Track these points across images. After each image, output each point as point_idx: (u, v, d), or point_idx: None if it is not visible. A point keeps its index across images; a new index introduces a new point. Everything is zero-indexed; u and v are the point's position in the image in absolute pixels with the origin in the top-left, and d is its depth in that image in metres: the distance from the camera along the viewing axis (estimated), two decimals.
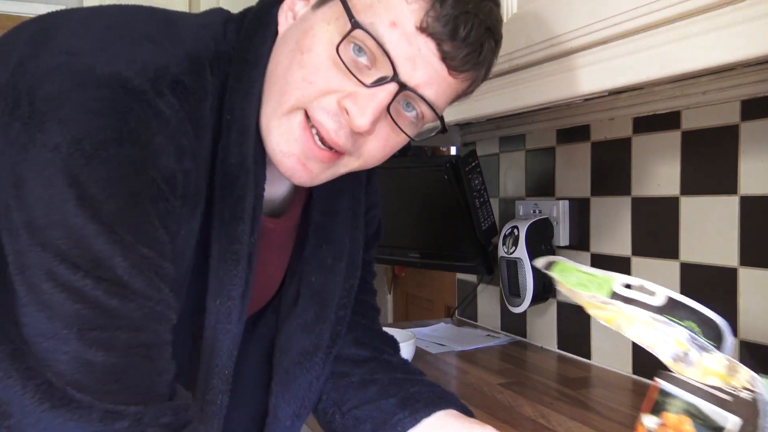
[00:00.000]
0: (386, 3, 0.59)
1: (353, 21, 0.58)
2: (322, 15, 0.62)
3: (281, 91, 0.63)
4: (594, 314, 0.57)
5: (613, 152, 1.20)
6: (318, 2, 0.63)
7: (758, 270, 0.95)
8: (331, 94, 0.61)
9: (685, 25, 0.67)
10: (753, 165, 0.96)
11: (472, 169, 1.31)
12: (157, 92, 0.55)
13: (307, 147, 0.63)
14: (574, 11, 0.80)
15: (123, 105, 0.54)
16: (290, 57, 0.62)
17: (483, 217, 1.36)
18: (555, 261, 0.59)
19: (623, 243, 1.19)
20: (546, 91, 0.88)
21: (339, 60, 0.60)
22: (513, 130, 1.47)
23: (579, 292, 0.56)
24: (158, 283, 0.56)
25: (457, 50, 0.60)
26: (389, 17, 0.59)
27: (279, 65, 0.63)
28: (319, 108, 0.61)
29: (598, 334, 1.26)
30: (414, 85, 0.61)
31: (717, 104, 1.00)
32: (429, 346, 1.40)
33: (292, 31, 0.64)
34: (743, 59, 0.62)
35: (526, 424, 0.93)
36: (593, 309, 0.56)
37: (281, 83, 0.63)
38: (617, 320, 0.55)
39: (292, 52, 0.62)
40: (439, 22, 0.59)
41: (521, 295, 1.31)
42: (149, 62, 0.56)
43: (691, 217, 1.05)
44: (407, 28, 0.59)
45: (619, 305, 0.53)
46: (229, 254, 0.64)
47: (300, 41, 0.62)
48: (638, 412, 0.90)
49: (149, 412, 0.53)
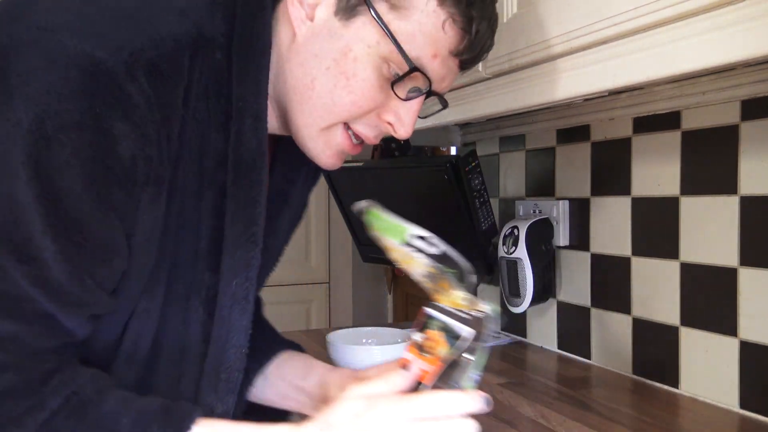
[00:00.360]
0: (427, 34, 0.63)
1: (412, 65, 0.63)
2: (357, 34, 0.63)
3: (326, 109, 0.65)
4: (392, 257, 0.69)
5: (613, 152, 1.20)
6: (345, 10, 0.63)
7: (758, 270, 0.95)
8: (373, 110, 0.67)
9: (685, 25, 0.67)
10: (753, 165, 0.96)
11: (472, 169, 1.31)
12: (130, 76, 0.55)
13: (346, 147, 0.69)
14: (574, 11, 0.80)
15: (91, 88, 0.53)
16: (332, 78, 0.64)
17: (483, 217, 1.35)
18: (370, 206, 0.70)
19: (623, 243, 1.19)
20: (546, 91, 0.88)
21: (385, 85, 0.64)
22: (513, 130, 1.47)
23: (382, 237, 0.68)
24: (82, 277, 0.56)
25: (476, 60, 0.68)
26: (432, 50, 0.64)
27: (315, 81, 0.65)
28: (361, 123, 0.67)
29: (598, 334, 1.26)
30: (440, 90, 0.69)
31: (717, 104, 1.00)
32: None
33: (322, 45, 0.64)
34: (743, 59, 0.62)
35: (526, 424, 0.93)
36: (391, 251, 0.68)
37: (325, 102, 0.65)
38: (405, 262, 0.68)
39: (332, 73, 0.64)
40: (473, 49, 0.66)
41: (521, 295, 1.31)
42: (125, 43, 0.55)
43: (691, 217, 1.05)
44: (444, 54, 0.65)
45: (408, 250, 0.66)
46: (247, 236, 0.66)
47: (341, 63, 0.63)
48: (638, 413, 0.95)
49: None
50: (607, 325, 1.24)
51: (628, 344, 1.18)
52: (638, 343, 1.17)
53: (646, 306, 1.15)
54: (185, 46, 0.60)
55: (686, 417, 0.98)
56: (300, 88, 0.66)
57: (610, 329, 1.23)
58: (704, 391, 1.04)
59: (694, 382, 1.06)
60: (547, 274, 1.32)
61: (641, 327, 1.16)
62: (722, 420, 0.96)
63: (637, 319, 1.17)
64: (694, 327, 1.05)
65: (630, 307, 1.18)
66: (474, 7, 0.64)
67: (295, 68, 0.65)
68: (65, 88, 0.53)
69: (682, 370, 1.08)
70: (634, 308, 1.17)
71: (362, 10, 0.62)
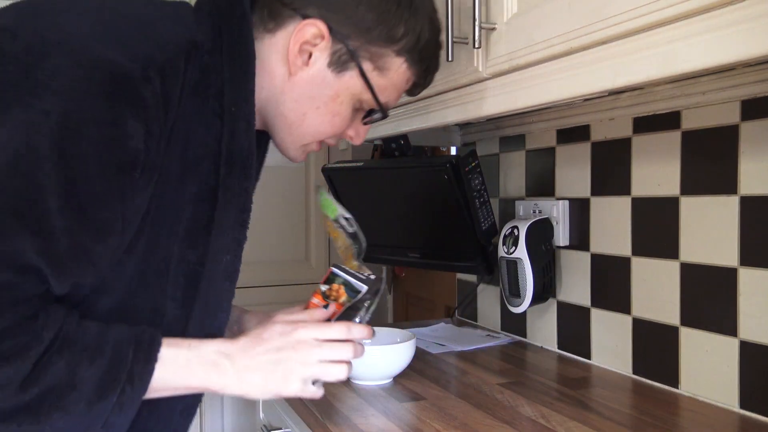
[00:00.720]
0: (396, 86, 0.83)
1: (383, 109, 0.83)
2: (346, 84, 0.79)
3: (311, 136, 0.83)
4: (326, 227, 0.92)
5: (613, 152, 1.20)
6: (336, 63, 0.78)
7: (758, 270, 0.95)
8: None
9: (685, 25, 0.67)
10: (753, 165, 0.96)
11: (472, 169, 1.31)
12: (145, 78, 0.64)
13: (315, 150, 0.88)
14: (574, 11, 0.80)
15: (111, 89, 0.62)
16: (320, 116, 0.81)
17: (483, 217, 1.35)
18: (320, 188, 0.96)
19: (623, 243, 1.19)
20: (546, 91, 0.88)
21: (355, 115, 0.84)
22: (513, 130, 1.47)
23: (324, 212, 0.91)
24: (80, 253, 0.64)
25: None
26: (395, 96, 0.84)
27: (306, 116, 0.81)
28: (330, 138, 0.86)
29: (598, 334, 1.26)
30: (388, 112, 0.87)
31: (717, 104, 1.00)
32: (429, 346, 1.40)
33: (317, 90, 0.79)
34: (743, 59, 0.62)
35: (526, 424, 0.93)
36: (326, 224, 0.91)
37: (311, 132, 0.83)
38: (333, 233, 0.91)
39: (321, 111, 0.81)
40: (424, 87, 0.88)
41: (521, 295, 1.31)
42: (140, 50, 0.65)
43: (691, 217, 1.05)
44: (400, 95, 0.86)
45: (335, 225, 0.90)
46: (240, 221, 0.77)
47: (329, 105, 0.80)
48: (638, 413, 0.96)
49: None
50: (607, 325, 1.24)
51: (628, 344, 1.18)
52: (638, 343, 1.17)
53: (646, 306, 1.15)
54: (182, 50, 0.69)
55: (686, 417, 0.98)
56: (292, 119, 0.81)
57: (610, 329, 1.23)
58: (704, 391, 1.04)
59: (694, 382, 1.06)
60: (547, 274, 1.32)
61: (641, 327, 1.16)
62: (722, 420, 0.96)
63: (637, 319, 1.17)
64: (694, 327, 1.06)
65: (630, 307, 1.18)
66: (429, 69, 0.85)
67: (290, 102, 0.80)
68: (89, 87, 0.61)
69: (682, 370, 1.08)
70: (634, 308, 1.17)
71: (351, 65, 0.78)
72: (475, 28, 0.94)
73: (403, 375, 1.17)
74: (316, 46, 0.77)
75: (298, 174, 2.41)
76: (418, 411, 0.99)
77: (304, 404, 1.05)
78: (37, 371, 0.63)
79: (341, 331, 0.81)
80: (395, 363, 1.13)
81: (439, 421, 0.95)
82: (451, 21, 0.98)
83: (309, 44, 0.77)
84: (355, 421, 0.95)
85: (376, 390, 1.11)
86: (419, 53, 0.81)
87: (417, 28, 0.80)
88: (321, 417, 0.98)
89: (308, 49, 0.77)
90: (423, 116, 1.20)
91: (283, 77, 0.79)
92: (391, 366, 1.13)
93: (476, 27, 0.94)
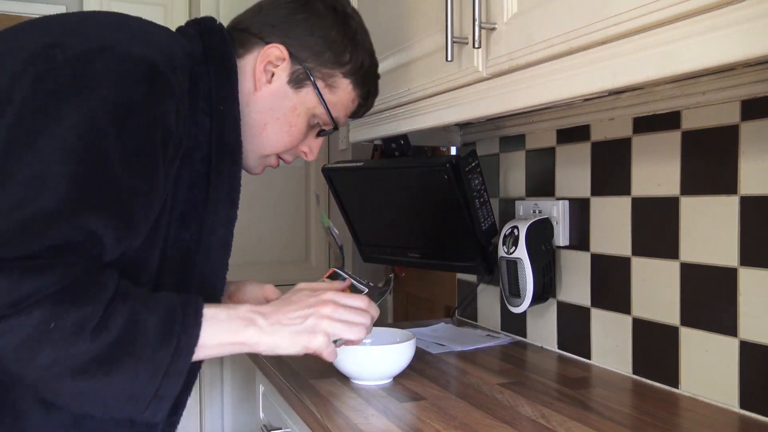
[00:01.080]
0: (344, 104, 1.00)
1: (336, 126, 1.02)
2: (302, 99, 0.96)
3: (270, 146, 0.97)
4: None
5: (613, 152, 1.20)
6: (294, 81, 0.94)
7: (758, 270, 0.95)
8: (297, 146, 1.01)
9: (685, 25, 0.67)
10: (753, 165, 0.96)
11: (472, 169, 1.31)
12: (172, 69, 0.79)
13: (273, 166, 1.03)
14: (574, 11, 0.80)
15: (151, 77, 0.76)
16: (279, 126, 0.96)
17: (483, 217, 1.35)
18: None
19: (623, 243, 1.19)
20: (546, 91, 0.88)
21: (309, 130, 1.00)
22: (513, 130, 1.47)
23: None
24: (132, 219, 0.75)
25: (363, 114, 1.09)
26: (344, 112, 1.01)
27: (267, 126, 0.96)
28: (286, 154, 1.01)
29: (598, 334, 1.26)
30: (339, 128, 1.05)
31: (717, 104, 1.00)
32: (429, 346, 1.40)
33: (277, 102, 0.95)
34: (743, 59, 0.62)
35: (526, 424, 0.93)
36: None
37: (270, 141, 0.97)
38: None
39: (280, 122, 0.96)
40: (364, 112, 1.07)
41: (521, 295, 1.31)
42: (165, 49, 0.80)
43: (691, 217, 1.06)
44: (348, 112, 1.03)
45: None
46: (230, 200, 0.90)
47: (288, 116, 0.96)
48: (639, 413, 0.96)
49: None
50: (607, 325, 1.24)
51: (628, 344, 1.18)
52: (638, 343, 1.17)
53: (646, 306, 1.15)
54: (183, 56, 0.83)
55: (686, 417, 0.98)
56: (254, 128, 0.95)
57: (610, 329, 1.23)
58: (704, 391, 1.04)
59: (694, 382, 1.06)
60: (547, 274, 1.32)
61: (641, 327, 1.16)
62: (722, 420, 0.96)
63: (637, 319, 1.17)
64: (694, 327, 1.06)
65: (630, 307, 1.18)
66: (370, 92, 1.03)
67: (254, 113, 0.94)
68: (135, 77, 0.75)
69: (682, 370, 1.08)
70: (634, 308, 1.17)
71: (307, 83, 0.95)
72: (475, 28, 0.94)
73: (403, 375, 1.17)
74: (278, 67, 0.93)
75: (299, 174, 2.41)
76: (418, 411, 0.99)
77: (305, 404, 1.05)
78: (105, 317, 0.70)
79: (363, 302, 0.92)
80: (395, 363, 1.13)
81: (439, 421, 0.95)
82: (451, 21, 0.98)
83: (272, 64, 0.93)
84: (355, 421, 0.95)
85: (376, 390, 1.11)
86: (362, 77, 0.99)
87: (359, 57, 0.98)
88: (321, 417, 0.98)
89: (271, 69, 0.93)
90: (423, 116, 1.20)
91: (250, 92, 0.94)
92: (391, 366, 1.13)
93: (476, 27, 0.94)
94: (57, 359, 0.68)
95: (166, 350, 0.74)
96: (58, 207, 0.68)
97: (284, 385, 1.16)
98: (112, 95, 0.73)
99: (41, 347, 0.67)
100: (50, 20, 0.83)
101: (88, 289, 0.70)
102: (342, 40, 0.96)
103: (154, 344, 0.73)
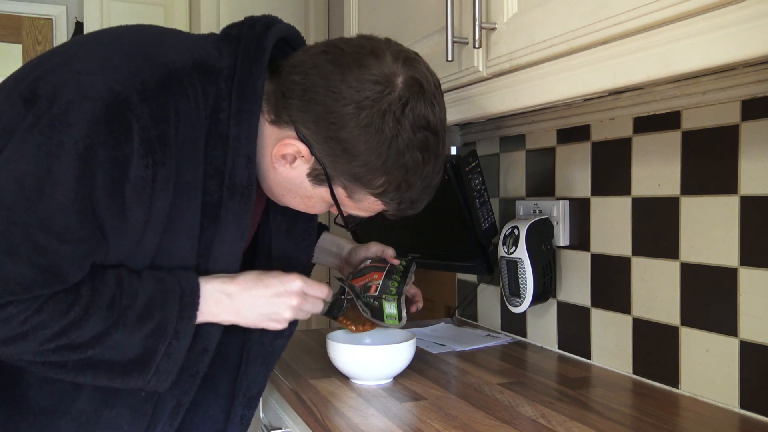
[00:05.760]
0: (367, 210, 0.90)
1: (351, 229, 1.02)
2: (320, 194, 0.89)
3: (288, 204, 0.94)
4: None
5: (613, 152, 1.20)
6: (314, 178, 0.87)
7: (758, 270, 0.95)
8: None
9: (685, 25, 0.67)
10: (753, 165, 0.96)
11: (472, 169, 1.31)
12: (141, 98, 0.76)
13: None
14: (574, 11, 0.80)
15: (112, 115, 0.75)
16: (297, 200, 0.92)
17: (483, 217, 1.35)
18: None
19: (623, 243, 1.19)
20: (546, 91, 0.88)
21: None
22: (513, 130, 1.47)
23: None
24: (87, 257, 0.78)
25: None
26: (367, 215, 0.92)
27: (284, 198, 0.92)
28: None
29: (599, 334, 1.26)
30: None
31: (717, 104, 1.00)
32: (429, 346, 1.40)
33: (294, 188, 0.89)
34: (743, 59, 0.62)
35: (526, 424, 0.93)
36: None
37: (289, 203, 0.94)
38: None
39: (297, 199, 0.92)
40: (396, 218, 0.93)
41: (521, 295, 1.31)
42: (138, 73, 0.77)
43: (691, 217, 1.06)
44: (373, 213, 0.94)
45: None
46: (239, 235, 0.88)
47: (305, 200, 0.91)
48: (638, 413, 0.95)
49: None
50: (607, 325, 1.24)
51: (628, 344, 1.18)
52: (638, 343, 1.17)
53: (646, 306, 1.15)
54: (189, 69, 0.81)
55: (686, 417, 0.98)
56: (274, 190, 0.92)
57: (610, 329, 1.23)
58: (704, 391, 1.04)
59: (694, 382, 1.06)
60: (547, 274, 1.32)
61: (641, 327, 1.16)
62: (722, 420, 0.96)
63: (637, 319, 1.17)
64: (694, 327, 1.06)
65: (630, 307, 1.18)
66: (402, 210, 0.90)
67: (272, 179, 0.90)
68: (96, 115, 0.74)
69: (682, 370, 1.08)
70: (634, 308, 1.17)
71: (326, 185, 0.86)
72: (475, 27, 0.95)
73: (403, 375, 1.17)
74: (298, 159, 0.86)
75: None
76: (418, 411, 0.99)
77: (305, 404, 1.05)
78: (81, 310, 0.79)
79: (324, 292, 0.96)
80: (395, 363, 1.13)
81: (439, 421, 0.95)
82: (451, 21, 0.98)
83: (292, 156, 0.86)
84: (355, 421, 0.95)
85: (376, 390, 1.11)
86: (397, 201, 0.88)
87: (403, 188, 0.86)
88: (321, 417, 0.98)
89: (290, 158, 0.86)
90: None
91: (271, 155, 0.87)
92: (391, 366, 1.13)
93: (476, 27, 0.94)
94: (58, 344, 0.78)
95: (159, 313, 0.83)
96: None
97: (284, 385, 1.16)
98: (70, 139, 0.74)
99: None
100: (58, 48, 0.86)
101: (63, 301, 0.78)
102: (383, 165, 0.82)
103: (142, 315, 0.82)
